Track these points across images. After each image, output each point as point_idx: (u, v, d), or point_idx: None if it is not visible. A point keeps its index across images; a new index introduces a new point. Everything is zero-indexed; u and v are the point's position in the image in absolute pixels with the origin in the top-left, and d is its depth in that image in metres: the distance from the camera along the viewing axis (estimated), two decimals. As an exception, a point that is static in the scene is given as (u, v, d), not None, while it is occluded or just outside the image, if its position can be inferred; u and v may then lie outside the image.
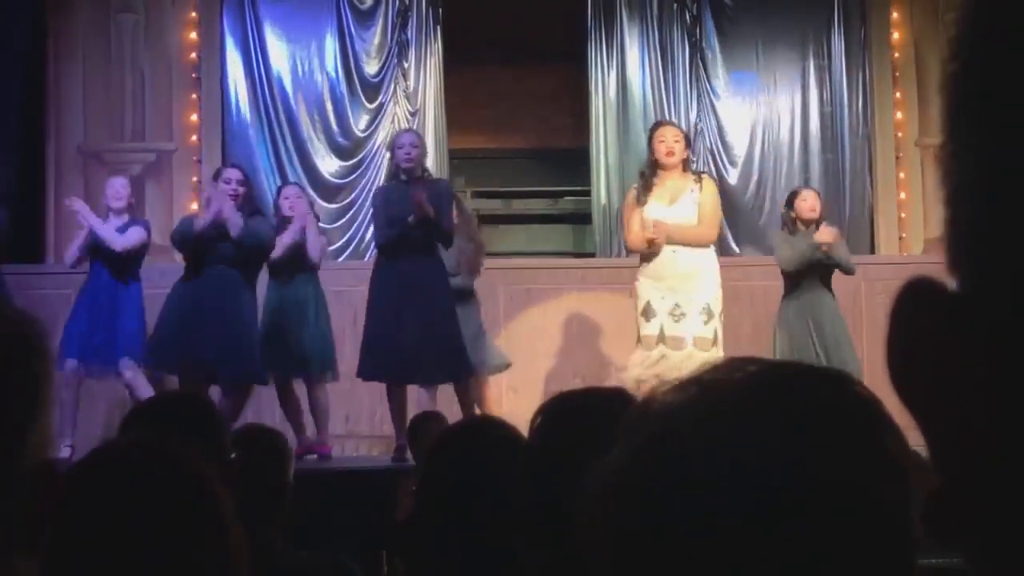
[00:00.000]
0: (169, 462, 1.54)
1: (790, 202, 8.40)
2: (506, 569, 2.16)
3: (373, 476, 7.33)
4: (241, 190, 7.74)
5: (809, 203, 8.23)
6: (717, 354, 7.49)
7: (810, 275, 8.10)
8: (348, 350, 9.06)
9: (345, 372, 9.13)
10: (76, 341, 7.81)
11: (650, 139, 7.95)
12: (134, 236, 7.97)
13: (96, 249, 7.93)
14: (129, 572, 1.45)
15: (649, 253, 7.64)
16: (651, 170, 7.81)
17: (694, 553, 0.76)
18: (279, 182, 10.02)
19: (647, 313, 7.65)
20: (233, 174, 7.87)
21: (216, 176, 7.94)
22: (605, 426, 1.85)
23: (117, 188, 8.26)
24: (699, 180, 7.88)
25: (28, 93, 9.91)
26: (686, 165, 7.88)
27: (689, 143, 8.04)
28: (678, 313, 7.60)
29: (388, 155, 8.31)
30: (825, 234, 7.98)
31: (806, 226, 8.18)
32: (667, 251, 7.65)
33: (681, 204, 7.71)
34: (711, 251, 7.79)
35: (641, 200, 7.71)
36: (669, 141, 7.74)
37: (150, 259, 8.35)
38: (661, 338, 7.60)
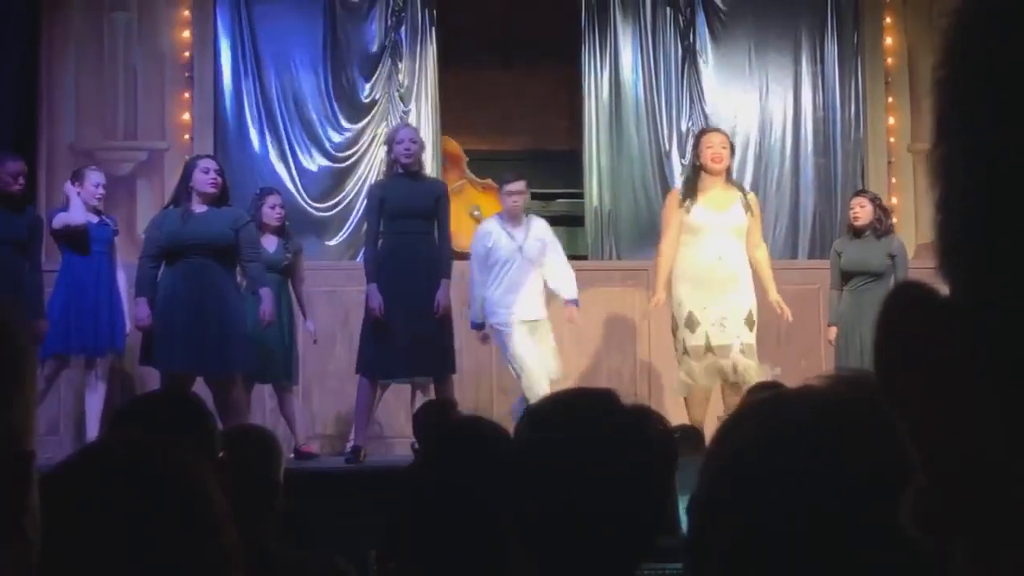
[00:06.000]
0: (160, 461, 1.53)
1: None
2: (498, 571, 2.16)
3: (362, 477, 7.34)
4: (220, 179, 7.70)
5: (854, 211, 8.56)
6: (756, 360, 7.63)
7: (858, 274, 8.42)
8: (339, 349, 9.08)
9: (335, 372, 9.15)
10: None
11: (697, 144, 8.00)
12: None
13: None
14: (121, 574, 1.45)
15: (693, 259, 7.70)
16: (695, 175, 7.85)
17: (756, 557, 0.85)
18: (270, 181, 10.00)
19: (691, 324, 7.65)
20: (211, 164, 7.84)
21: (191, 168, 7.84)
22: (591, 427, 1.86)
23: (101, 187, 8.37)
24: (746, 194, 7.97)
25: (20, 91, 9.89)
26: (729, 174, 7.91)
27: (733, 151, 8.10)
28: (723, 322, 7.62)
29: (385, 149, 8.30)
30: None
31: (856, 233, 8.49)
32: (712, 257, 7.66)
33: (732, 211, 7.75)
34: (747, 260, 7.83)
35: (686, 204, 7.73)
36: (717, 147, 7.79)
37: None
38: (708, 348, 7.63)
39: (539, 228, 8.42)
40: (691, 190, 7.78)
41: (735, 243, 7.74)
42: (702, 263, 7.66)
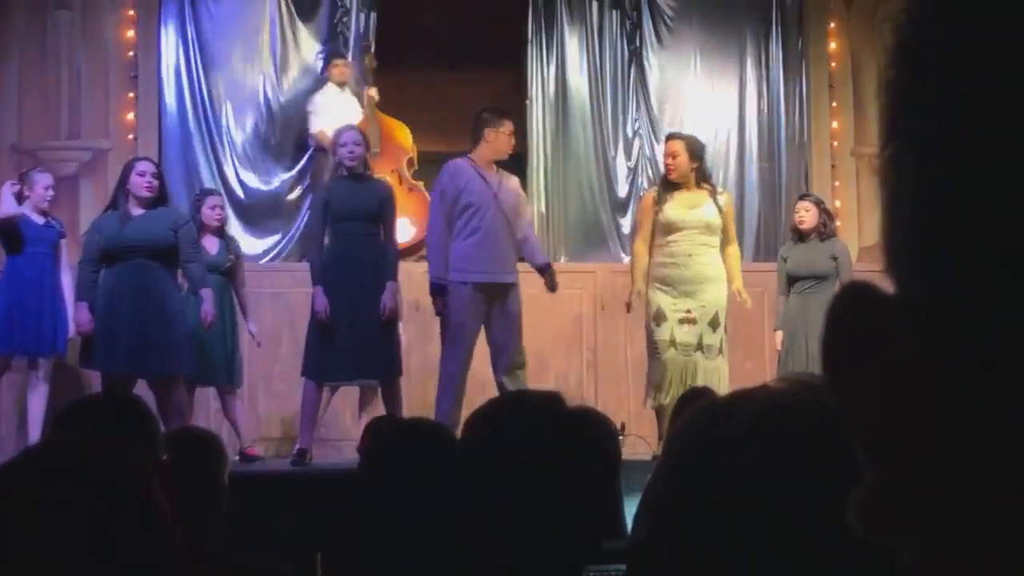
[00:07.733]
0: (104, 463, 1.52)
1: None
2: (446, 572, 2.15)
3: (307, 479, 7.32)
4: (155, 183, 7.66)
5: (800, 216, 8.63)
6: (722, 364, 7.69)
7: (803, 277, 8.50)
8: (285, 352, 9.04)
9: (281, 374, 9.11)
10: None
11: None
12: None
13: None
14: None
15: (664, 260, 7.76)
16: (665, 179, 7.98)
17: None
18: (215, 182, 9.95)
19: (658, 319, 7.77)
20: (148, 167, 7.79)
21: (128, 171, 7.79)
22: (536, 428, 1.86)
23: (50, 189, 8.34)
24: (715, 194, 8.02)
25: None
26: (700, 176, 7.94)
27: (694, 154, 8.00)
28: (689, 319, 7.72)
29: (330, 152, 8.29)
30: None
31: (800, 237, 8.59)
32: (683, 255, 7.76)
33: (704, 209, 7.84)
34: (720, 259, 7.90)
35: (660, 202, 7.84)
36: (667, 157, 8.01)
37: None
38: (672, 343, 7.70)
39: (515, 181, 8.17)
40: (664, 191, 7.89)
41: (707, 241, 7.84)
42: (673, 261, 7.77)
